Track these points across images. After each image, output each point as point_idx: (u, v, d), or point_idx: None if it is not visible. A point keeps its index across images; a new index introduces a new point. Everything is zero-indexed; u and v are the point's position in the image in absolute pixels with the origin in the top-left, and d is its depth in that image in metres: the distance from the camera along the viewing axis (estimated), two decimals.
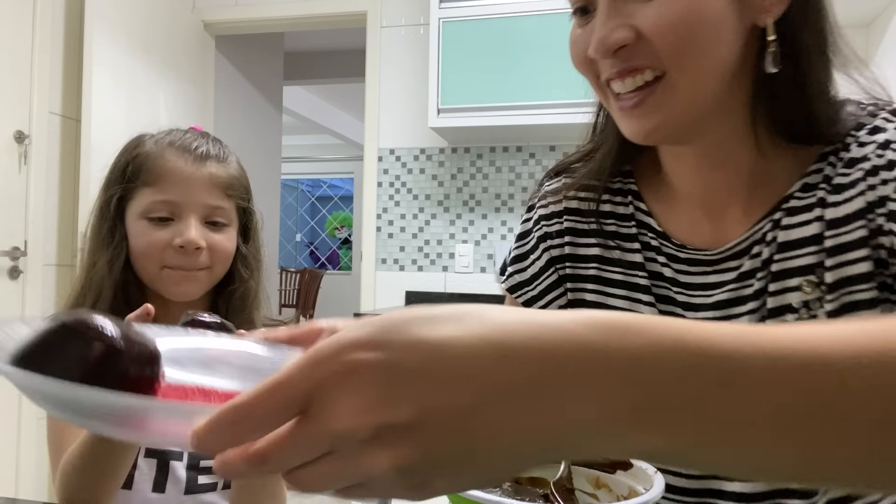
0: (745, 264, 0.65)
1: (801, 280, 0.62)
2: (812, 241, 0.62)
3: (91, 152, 2.61)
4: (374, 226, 2.97)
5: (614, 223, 0.73)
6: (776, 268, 0.63)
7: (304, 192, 9.87)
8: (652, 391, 0.29)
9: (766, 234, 0.64)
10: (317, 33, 4.72)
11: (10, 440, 2.55)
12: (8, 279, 2.55)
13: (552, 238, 0.77)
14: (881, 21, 2.37)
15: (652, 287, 0.70)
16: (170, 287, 0.94)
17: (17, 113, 2.58)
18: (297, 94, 6.29)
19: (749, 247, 0.65)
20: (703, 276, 0.68)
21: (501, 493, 0.53)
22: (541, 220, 0.78)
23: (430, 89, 2.59)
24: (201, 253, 0.93)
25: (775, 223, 0.64)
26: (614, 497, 0.54)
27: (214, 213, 0.95)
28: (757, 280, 0.64)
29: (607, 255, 0.73)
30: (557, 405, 0.29)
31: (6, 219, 2.54)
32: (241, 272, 1.00)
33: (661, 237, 0.70)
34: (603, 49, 0.59)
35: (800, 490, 0.63)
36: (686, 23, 0.57)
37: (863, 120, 0.64)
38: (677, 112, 0.60)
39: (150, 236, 0.92)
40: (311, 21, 3.18)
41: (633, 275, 0.71)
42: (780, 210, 0.64)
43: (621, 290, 0.72)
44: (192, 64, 3.19)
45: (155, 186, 0.93)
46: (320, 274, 7.30)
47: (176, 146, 0.96)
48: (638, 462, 0.53)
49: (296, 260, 9.68)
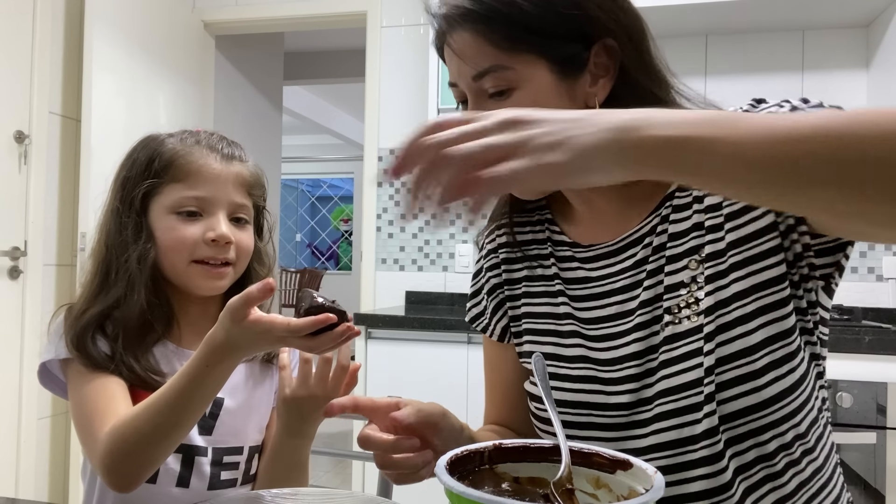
0: (639, 253, 0.78)
1: (688, 259, 0.75)
2: (694, 228, 0.75)
3: (91, 152, 2.61)
4: (374, 226, 2.97)
5: (536, 248, 0.89)
6: (670, 252, 0.76)
7: (304, 192, 9.87)
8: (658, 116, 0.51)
9: (656, 227, 0.77)
10: (317, 33, 4.72)
11: (10, 440, 2.55)
12: (8, 279, 2.55)
13: (491, 270, 0.93)
14: (881, 21, 2.37)
15: (566, 290, 0.84)
16: (197, 281, 0.95)
17: (17, 113, 2.59)
18: (297, 94, 6.29)
19: (640, 238, 0.79)
20: (609, 267, 0.81)
21: (501, 494, 0.53)
22: (482, 258, 0.95)
23: (430, 89, 2.59)
24: (231, 247, 0.96)
25: (663, 218, 0.77)
26: (614, 497, 0.54)
27: (239, 210, 0.98)
28: (649, 264, 0.77)
29: (531, 273, 0.89)
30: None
31: (6, 219, 2.54)
32: (258, 269, 1.02)
33: (573, 246, 0.85)
34: None
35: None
36: None
37: None
38: (537, 187, 0.70)
39: (181, 231, 0.94)
40: (311, 21, 3.18)
41: (551, 284, 0.86)
42: (664, 207, 0.77)
43: (542, 298, 0.87)
44: (192, 64, 3.19)
45: (185, 182, 0.95)
46: (320, 274, 7.30)
47: (202, 144, 0.98)
48: (638, 462, 0.53)
49: (296, 260, 9.68)
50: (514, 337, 0.90)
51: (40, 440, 2.66)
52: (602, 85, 0.77)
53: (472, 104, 0.77)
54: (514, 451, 0.58)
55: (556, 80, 0.75)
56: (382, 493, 1.17)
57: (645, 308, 0.76)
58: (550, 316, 0.85)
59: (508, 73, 0.74)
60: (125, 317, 0.93)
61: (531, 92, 0.75)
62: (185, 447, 0.94)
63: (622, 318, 0.78)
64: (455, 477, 0.49)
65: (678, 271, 0.75)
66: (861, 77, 2.49)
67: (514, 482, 0.57)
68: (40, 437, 2.66)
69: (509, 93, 0.74)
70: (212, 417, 0.96)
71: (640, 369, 0.75)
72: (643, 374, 0.75)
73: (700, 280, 0.73)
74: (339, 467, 3.76)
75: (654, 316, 0.75)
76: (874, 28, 2.43)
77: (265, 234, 1.07)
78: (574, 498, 0.53)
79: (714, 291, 0.72)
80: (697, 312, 0.72)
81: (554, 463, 0.56)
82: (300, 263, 9.50)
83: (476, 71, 0.75)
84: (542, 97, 0.74)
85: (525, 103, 0.73)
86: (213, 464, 0.95)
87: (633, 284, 0.78)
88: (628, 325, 0.77)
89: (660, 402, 0.73)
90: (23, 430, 2.58)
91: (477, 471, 0.56)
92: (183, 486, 0.93)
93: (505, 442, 0.58)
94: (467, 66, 0.75)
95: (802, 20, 2.46)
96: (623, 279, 0.79)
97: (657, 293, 0.76)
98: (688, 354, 0.71)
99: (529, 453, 0.58)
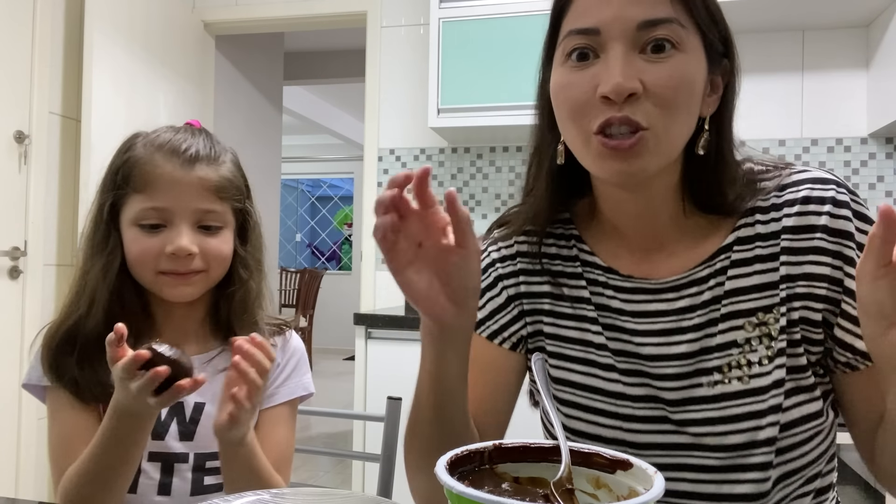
0: (684, 301, 0.76)
1: (744, 321, 0.73)
2: (755, 289, 0.73)
3: (91, 152, 2.61)
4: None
5: (560, 264, 0.83)
6: (725, 310, 0.74)
7: (304, 192, 9.87)
8: None
9: (708, 277, 0.75)
10: (317, 33, 4.73)
11: (10, 440, 2.55)
12: (8, 279, 2.55)
13: (507, 278, 0.85)
14: (881, 21, 2.37)
15: (599, 318, 0.79)
16: (166, 290, 0.94)
17: (17, 113, 2.59)
18: (297, 94, 6.30)
19: (687, 284, 0.76)
20: (647, 304, 0.77)
21: (501, 494, 0.53)
22: (496, 262, 0.86)
23: (430, 89, 2.59)
24: (194, 258, 0.92)
25: (717, 271, 0.75)
26: (614, 497, 0.54)
27: (206, 217, 0.94)
28: (698, 316, 0.75)
29: (556, 291, 0.83)
30: None
31: (6, 219, 2.55)
32: (241, 273, 1.00)
33: (609, 272, 0.80)
34: (619, 92, 0.66)
35: None
36: (682, 87, 0.68)
37: (781, 180, 0.76)
38: (655, 161, 0.70)
39: (142, 244, 0.92)
40: (311, 21, 3.18)
41: (581, 307, 0.81)
42: (719, 259, 0.75)
43: (572, 321, 0.81)
44: (192, 64, 3.19)
45: (144, 193, 0.92)
46: (320, 274, 7.30)
47: (165, 149, 0.93)
48: (638, 462, 0.53)
49: (296, 260, 9.68)
50: (529, 352, 0.85)
51: (40, 440, 2.66)
52: (714, 100, 0.74)
53: (620, 55, 0.67)
54: (514, 451, 0.58)
55: (705, 63, 0.71)
56: (382, 493, 1.17)
57: (689, 360, 0.75)
58: (583, 343, 0.80)
59: (681, 31, 0.68)
60: (86, 331, 0.92)
61: (691, 61, 0.69)
62: (163, 455, 0.93)
63: (665, 360, 0.76)
64: (455, 477, 0.49)
65: (732, 330, 0.74)
66: (861, 77, 2.49)
67: (514, 482, 0.57)
68: (40, 437, 2.66)
69: (671, 52, 0.68)
70: (192, 423, 0.96)
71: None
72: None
73: (755, 345, 0.73)
74: (339, 467, 3.76)
75: (696, 369, 0.74)
76: (874, 28, 2.43)
77: (250, 237, 1.02)
78: (574, 498, 0.53)
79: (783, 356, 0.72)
80: (751, 375, 0.72)
81: (554, 463, 0.56)
82: (300, 263, 9.50)
83: (648, 17, 0.67)
84: (695, 71, 0.69)
85: (680, 70, 0.68)
86: (196, 469, 0.94)
87: (674, 330, 0.76)
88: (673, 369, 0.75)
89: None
90: (23, 430, 2.58)
91: (477, 471, 0.56)
92: (165, 494, 0.93)
93: (505, 442, 0.58)
94: (638, 8, 0.67)
95: (802, 20, 2.46)
96: (663, 323, 0.76)
97: (702, 347, 0.74)
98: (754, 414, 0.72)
99: (529, 453, 0.58)
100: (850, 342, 0.71)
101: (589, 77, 0.69)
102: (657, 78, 0.67)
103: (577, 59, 0.70)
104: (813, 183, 0.74)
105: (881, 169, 2.49)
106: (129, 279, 0.95)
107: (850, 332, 0.71)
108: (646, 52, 0.68)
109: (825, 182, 0.74)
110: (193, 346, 0.99)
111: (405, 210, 0.62)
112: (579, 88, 0.69)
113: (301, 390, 1.05)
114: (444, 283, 0.65)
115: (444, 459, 0.52)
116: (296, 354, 1.07)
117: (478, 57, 2.53)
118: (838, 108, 2.51)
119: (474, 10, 2.54)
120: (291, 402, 1.04)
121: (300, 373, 1.06)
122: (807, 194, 0.73)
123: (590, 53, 0.70)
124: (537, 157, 0.82)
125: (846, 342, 0.71)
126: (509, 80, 2.49)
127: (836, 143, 2.52)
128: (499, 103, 2.50)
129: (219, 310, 1.01)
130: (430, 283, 0.65)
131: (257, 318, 1.01)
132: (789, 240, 0.73)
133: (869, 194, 2.50)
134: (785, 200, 0.74)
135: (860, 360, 0.71)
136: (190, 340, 0.99)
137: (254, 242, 1.02)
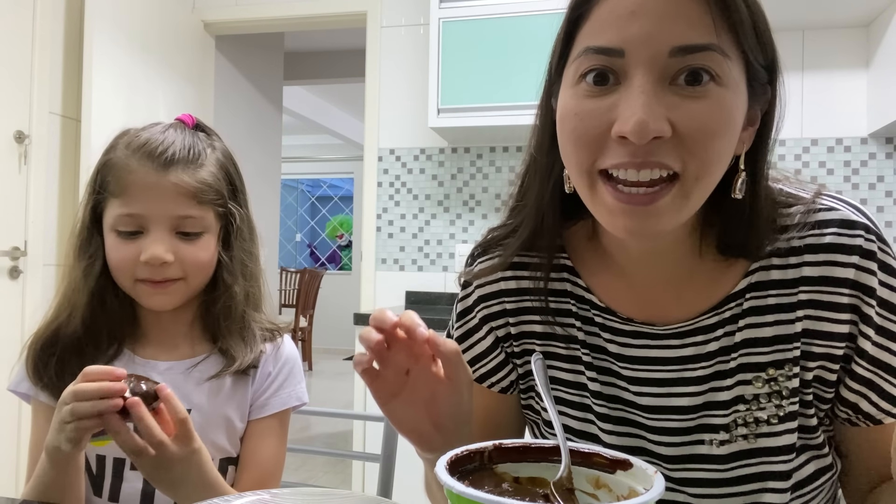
0: (688, 349, 0.69)
1: (754, 375, 0.67)
2: (770, 341, 0.66)
3: (91, 152, 2.61)
4: (374, 226, 2.97)
5: (553, 300, 0.74)
6: (735, 363, 0.67)
7: (304, 192, 9.87)
8: None
9: (714, 326, 0.68)
10: (317, 33, 4.73)
11: (11, 440, 2.55)
12: (8, 279, 2.55)
13: (494, 319, 0.77)
14: (881, 21, 2.37)
15: (594, 362, 0.72)
16: (144, 299, 0.92)
17: (17, 113, 2.59)
18: (297, 94, 6.29)
19: (692, 332, 0.68)
20: (647, 350, 0.70)
21: (501, 493, 0.53)
22: (480, 300, 0.78)
23: (430, 89, 2.59)
24: (169, 266, 0.89)
25: (727, 319, 0.67)
26: (614, 497, 0.54)
27: (184, 223, 0.90)
28: (701, 367, 0.68)
29: (549, 330, 0.74)
30: None
31: (6, 219, 2.54)
32: (225, 279, 0.96)
33: (606, 311, 0.71)
34: (641, 133, 0.55)
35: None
36: (720, 132, 0.57)
37: (804, 217, 0.67)
38: (676, 219, 0.60)
39: (120, 251, 0.89)
40: (311, 21, 3.18)
41: (574, 349, 0.73)
42: (727, 308, 0.68)
43: (565, 363, 0.74)
44: (192, 64, 3.19)
45: (121, 198, 0.89)
46: (320, 274, 7.30)
47: (140, 153, 0.89)
48: (638, 462, 0.53)
49: (296, 260, 9.68)
50: (522, 393, 0.79)
51: None
52: (749, 134, 0.63)
53: (646, 87, 0.56)
54: (515, 451, 0.58)
55: (746, 98, 0.60)
56: (382, 493, 1.17)
57: (690, 415, 0.69)
58: (580, 387, 0.73)
59: (723, 62, 0.56)
60: (66, 335, 0.92)
61: (732, 97, 0.57)
62: None
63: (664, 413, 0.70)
64: (455, 477, 0.49)
65: (741, 384, 0.68)
66: (861, 77, 2.49)
67: (514, 482, 0.57)
68: None
69: (709, 85, 0.56)
70: None
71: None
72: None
73: (763, 402, 0.67)
74: (339, 467, 3.76)
75: (699, 424, 0.69)
76: (874, 28, 2.43)
77: (234, 241, 0.96)
78: (574, 498, 0.53)
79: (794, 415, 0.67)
80: (757, 434, 0.67)
81: (554, 463, 0.56)
82: (300, 263, 9.49)
83: (684, 42, 0.55)
84: (734, 108, 0.58)
85: (719, 110, 0.56)
86: None
87: (675, 381, 0.69)
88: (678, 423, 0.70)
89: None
90: (23, 430, 2.58)
91: (477, 471, 0.56)
92: (148, 503, 0.91)
93: (505, 442, 0.58)
94: (674, 27, 0.55)
95: (802, 20, 2.46)
96: (663, 372, 0.70)
97: (705, 401, 0.68)
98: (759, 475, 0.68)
99: (529, 453, 0.58)
100: (855, 401, 0.67)
101: (605, 108, 0.58)
102: (691, 119, 0.56)
103: (593, 81, 0.59)
104: (840, 227, 0.66)
105: (881, 169, 2.49)
106: (113, 283, 0.93)
107: (856, 393, 0.67)
108: (678, 81, 0.56)
109: (853, 226, 0.66)
110: (181, 351, 0.97)
111: (392, 339, 0.60)
112: (592, 121, 0.59)
113: (294, 400, 1.01)
114: (432, 410, 0.63)
115: (444, 459, 0.52)
116: (288, 363, 1.02)
117: (478, 57, 2.53)
118: (838, 108, 2.51)
119: (474, 10, 2.54)
120: (283, 413, 1.00)
121: (293, 382, 1.02)
122: (832, 240, 0.66)
123: (609, 76, 0.58)
124: (535, 180, 0.71)
125: (850, 401, 0.67)
126: (509, 80, 2.49)
127: (836, 143, 2.52)
128: (499, 103, 2.50)
129: (207, 314, 0.98)
130: (415, 414, 0.63)
131: (246, 323, 0.99)
132: (809, 292, 0.66)
133: (869, 194, 2.50)
134: (807, 245, 0.66)
135: (861, 419, 0.68)
136: (178, 345, 0.98)
137: (241, 245, 0.98)
